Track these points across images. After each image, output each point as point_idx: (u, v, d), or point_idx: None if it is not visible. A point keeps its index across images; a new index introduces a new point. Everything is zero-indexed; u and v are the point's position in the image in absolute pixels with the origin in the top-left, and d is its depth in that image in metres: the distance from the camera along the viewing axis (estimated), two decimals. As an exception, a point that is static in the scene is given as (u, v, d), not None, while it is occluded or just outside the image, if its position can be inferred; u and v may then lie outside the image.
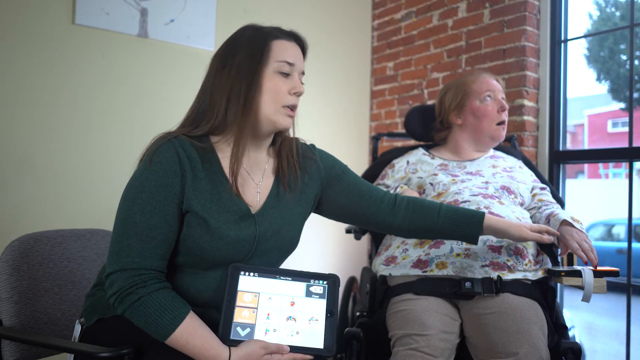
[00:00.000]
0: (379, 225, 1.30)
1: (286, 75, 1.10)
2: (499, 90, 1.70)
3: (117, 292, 0.98)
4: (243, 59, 1.07)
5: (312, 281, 1.08)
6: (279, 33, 1.12)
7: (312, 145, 1.27)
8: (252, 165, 1.14)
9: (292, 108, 1.11)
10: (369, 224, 1.30)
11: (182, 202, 1.03)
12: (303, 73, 1.14)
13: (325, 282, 1.08)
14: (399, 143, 2.85)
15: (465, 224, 1.27)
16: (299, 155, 1.20)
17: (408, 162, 1.75)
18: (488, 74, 1.75)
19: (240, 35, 1.11)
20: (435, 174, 1.63)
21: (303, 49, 1.16)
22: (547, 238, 1.29)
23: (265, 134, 1.13)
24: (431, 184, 1.60)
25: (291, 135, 1.19)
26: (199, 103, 1.11)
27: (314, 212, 1.30)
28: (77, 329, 1.13)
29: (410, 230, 1.29)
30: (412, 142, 2.48)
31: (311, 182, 1.22)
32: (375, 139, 2.18)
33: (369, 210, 1.26)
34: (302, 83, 1.13)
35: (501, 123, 1.67)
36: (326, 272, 1.11)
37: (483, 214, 1.29)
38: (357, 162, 2.98)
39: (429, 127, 1.84)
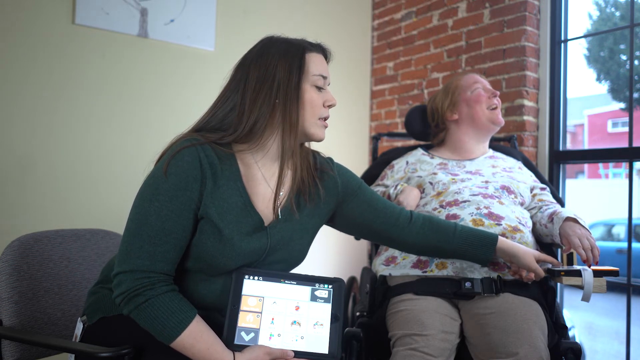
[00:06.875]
0: (393, 242, 1.30)
1: (320, 88, 1.12)
2: (487, 83, 1.76)
3: (125, 293, 0.97)
4: (281, 72, 1.06)
5: (317, 285, 1.07)
6: (308, 45, 1.13)
7: (330, 159, 1.26)
8: (270, 176, 1.13)
9: (326, 119, 1.13)
10: (383, 240, 1.31)
11: (198, 208, 1.02)
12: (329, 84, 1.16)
13: (330, 286, 1.08)
14: (399, 143, 2.85)
15: (479, 246, 1.28)
16: (317, 168, 1.20)
17: (407, 163, 1.75)
18: (472, 73, 1.82)
19: (269, 47, 1.10)
20: (435, 173, 1.63)
21: (326, 59, 1.18)
22: (545, 269, 1.28)
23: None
24: (430, 183, 1.60)
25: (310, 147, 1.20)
26: (215, 110, 1.10)
27: (327, 225, 1.29)
28: (79, 327, 1.13)
29: (424, 247, 1.30)
30: (412, 142, 2.48)
31: (327, 197, 1.21)
32: (375, 139, 2.18)
33: (384, 227, 1.26)
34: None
35: (494, 108, 1.70)
36: (326, 271, 1.11)
37: (496, 237, 1.29)
38: (357, 162, 2.97)
39: (430, 127, 1.85)
